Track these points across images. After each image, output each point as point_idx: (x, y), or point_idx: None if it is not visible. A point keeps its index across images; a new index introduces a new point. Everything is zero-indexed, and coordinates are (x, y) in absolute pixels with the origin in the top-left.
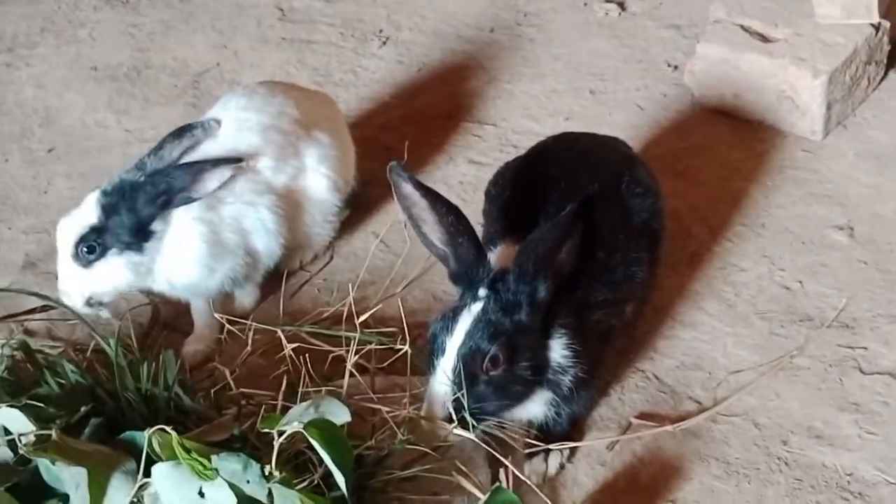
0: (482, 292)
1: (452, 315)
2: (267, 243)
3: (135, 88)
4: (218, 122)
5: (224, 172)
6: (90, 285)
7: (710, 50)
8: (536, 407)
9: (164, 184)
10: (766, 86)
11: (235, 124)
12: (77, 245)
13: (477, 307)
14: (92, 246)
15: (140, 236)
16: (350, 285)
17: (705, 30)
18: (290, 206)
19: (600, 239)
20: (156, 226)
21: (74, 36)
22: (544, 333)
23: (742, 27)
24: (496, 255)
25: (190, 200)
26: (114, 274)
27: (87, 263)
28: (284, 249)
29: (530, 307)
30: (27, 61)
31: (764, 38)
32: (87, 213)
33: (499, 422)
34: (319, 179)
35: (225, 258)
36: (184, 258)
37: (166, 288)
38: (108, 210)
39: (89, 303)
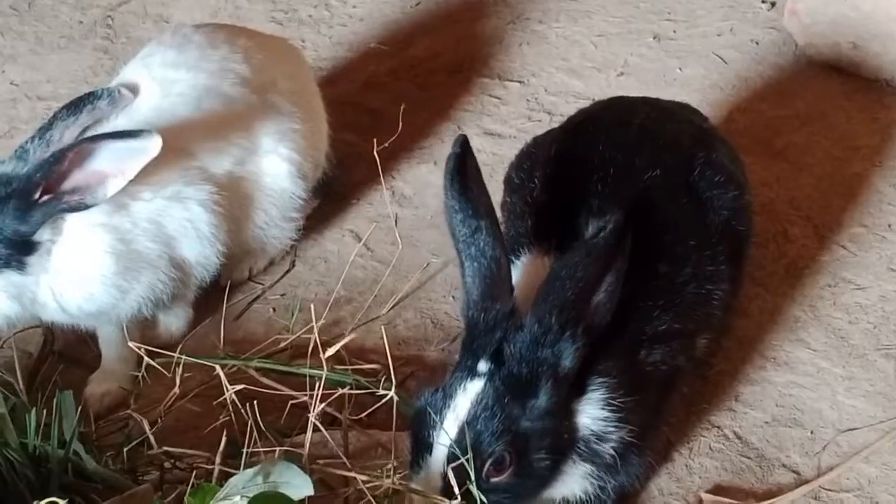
0: (482, 367)
1: (443, 395)
2: (199, 251)
3: (24, 26)
4: (133, 90)
5: (125, 155)
6: None
7: None
8: (571, 484)
9: (44, 178)
10: None
11: (160, 88)
12: None
13: (475, 388)
14: None
15: (22, 249)
16: (316, 304)
17: None
18: (235, 200)
19: (662, 247)
20: (42, 234)
21: None
22: (573, 392)
23: None
24: (520, 271)
25: (83, 206)
26: None
27: None
28: (225, 258)
29: (552, 383)
30: None
31: None
32: None
33: None
34: (278, 163)
35: (140, 274)
36: (83, 277)
37: (60, 316)
38: None
39: None
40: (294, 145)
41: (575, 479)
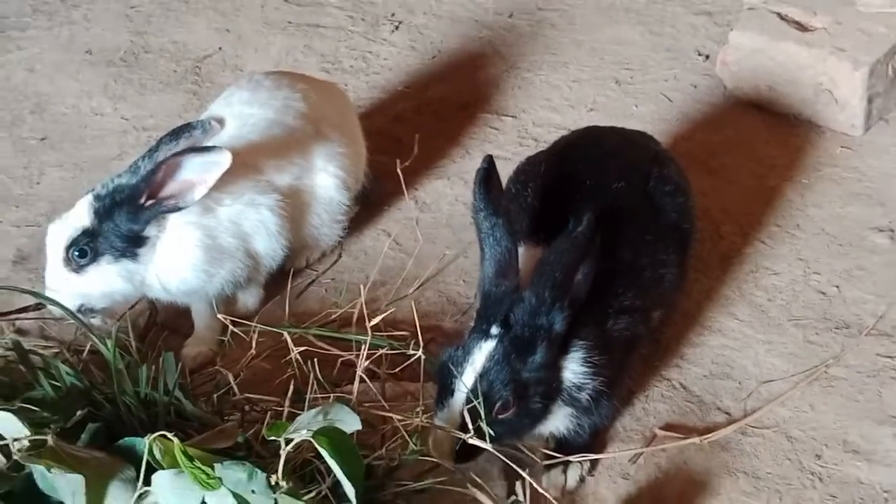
0: (494, 330)
1: (463, 352)
2: (269, 245)
3: (132, 74)
4: (220, 122)
5: (206, 167)
6: (82, 292)
7: (744, 39)
8: (555, 421)
9: (147, 186)
10: (803, 78)
11: (238, 121)
12: (68, 248)
13: (489, 346)
14: (84, 250)
15: (134, 242)
16: (361, 286)
17: (739, 17)
18: (295, 206)
19: (626, 240)
20: (150, 231)
21: (68, 17)
22: (560, 351)
23: (779, 15)
24: (519, 258)
25: (178, 208)
26: (107, 281)
27: (79, 268)
28: (288, 250)
29: (546, 343)
30: (18, 44)
31: (802, 27)
32: (80, 216)
33: None
34: (327, 178)
35: (223, 262)
36: (180, 265)
37: (162, 295)
38: (100, 214)
39: (80, 310)
40: (340, 164)
41: (559, 418)
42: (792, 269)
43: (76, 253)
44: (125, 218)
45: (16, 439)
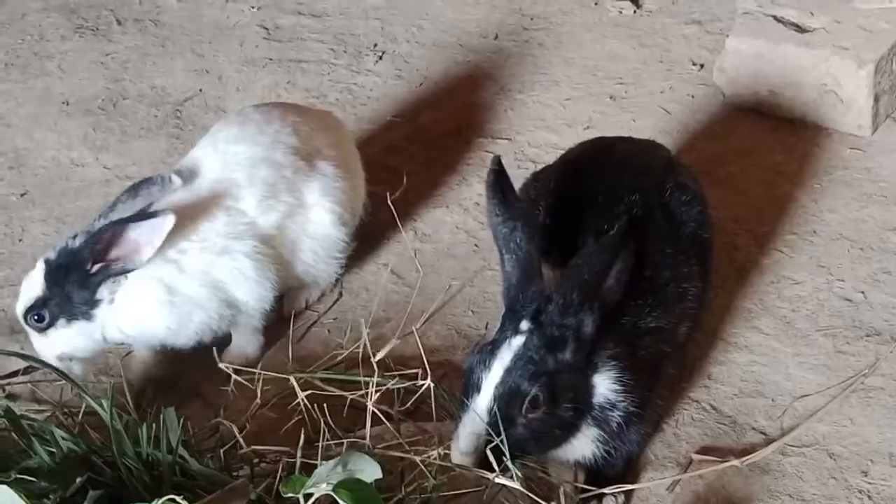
0: (524, 325)
1: (491, 349)
2: (251, 292)
3: (111, 122)
4: (180, 175)
5: (150, 230)
6: (51, 349)
7: (741, 44)
8: (583, 446)
9: (90, 253)
10: (805, 80)
11: (222, 159)
12: (25, 316)
13: (518, 342)
14: (41, 315)
15: (87, 305)
16: (363, 322)
17: (734, 23)
18: (284, 245)
19: (646, 255)
20: (101, 294)
21: (42, 69)
22: (589, 368)
23: (775, 17)
24: None
25: (127, 270)
26: (67, 342)
27: (41, 331)
28: (278, 292)
29: (576, 343)
30: None
31: (800, 28)
32: (33, 283)
33: (542, 465)
34: (322, 214)
35: (191, 314)
36: (140, 318)
37: (133, 343)
38: (50, 280)
39: (60, 358)
40: (335, 199)
41: (586, 442)
42: (814, 277)
43: (34, 318)
44: (74, 284)
45: None
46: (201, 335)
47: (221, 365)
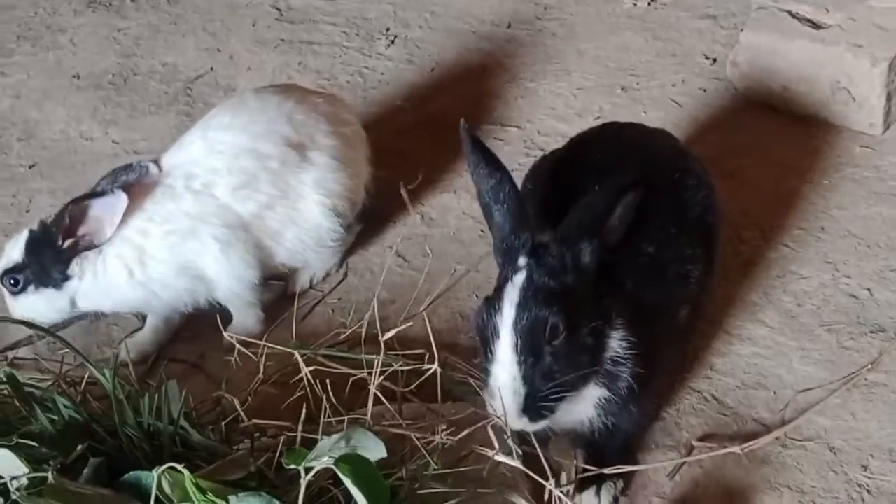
0: (522, 261)
1: (496, 296)
2: (222, 270)
3: (122, 97)
4: (157, 165)
5: (106, 208)
6: (20, 313)
7: (756, 39)
8: (587, 408)
9: (59, 230)
10: (819, 76)
11: (205, 145)
12: (2, 277)
13: (520, 277)
14: (16, 279)
15: (60, 277)
16: (375, 300)
17: (749, 17)
18: (264, 232)
19: (651, 232)
20: (73, 269)
21: (54, 42)
22: (603, 314)
23: (790, 13)
24: None
25: (94, 245)
26: (35, 308)
27: (13, 294)
28: (263, 273)
29: (576, 270)
30: (3, 70)
31: (815, 25)
32: (16, 248)
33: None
34: (312, 206)
35: (159, 293)
36: (108, 291)
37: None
38: (30, 250)
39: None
40: (326, 190)
41: (589, 404)
42: (820, 272)
43: (11, 282)
44: (49, 256)
45: (14, 477)
46: (179, 306)
47: (226, 335)
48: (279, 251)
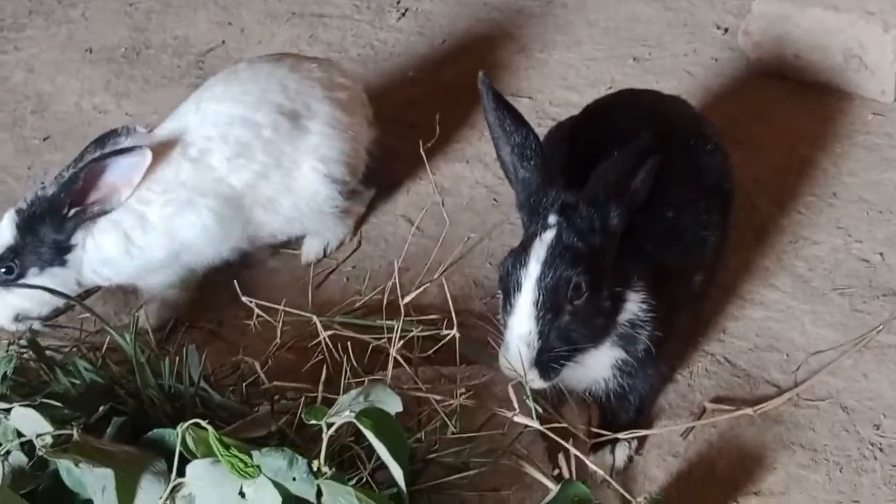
0: (552, 219)
1: (523, 248)
2: (210, 242)
3: (134, 70)
4: (146, 126)
5: (128, 168)
6: (13, 305)
7: (768, 6)
8: (603, 369)
9: (68, 196)
10: (831, 44)
11: (198, 116)
12: None
13: (549, 235)
14: (10, 267)
15: (62, 251)
16: (397, 265)
17: None
18: (257, 202)
19: (669, 197)
20: (76, 239)
21: (66, 16)
22: (624, 277)
23: None
24: None
25: (104, 212)
26: (36, 293)
27: (5, 283)
28: (297, 238)
29: (603, 233)
30: (15, 44)
31: None
32: (2, 233)
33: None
34: (306, 173)
35: (163, 263)
36: (110, 261)
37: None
38: (23, 230)
39: (17, 318)
40: (322, 156)
41: (605, 362)
42: (832, 237)
43: (3, 270)
44: (49, 230)
45: (39, 435)
46: (177, 274)
47: (244, 299)
48: (275, 219)
